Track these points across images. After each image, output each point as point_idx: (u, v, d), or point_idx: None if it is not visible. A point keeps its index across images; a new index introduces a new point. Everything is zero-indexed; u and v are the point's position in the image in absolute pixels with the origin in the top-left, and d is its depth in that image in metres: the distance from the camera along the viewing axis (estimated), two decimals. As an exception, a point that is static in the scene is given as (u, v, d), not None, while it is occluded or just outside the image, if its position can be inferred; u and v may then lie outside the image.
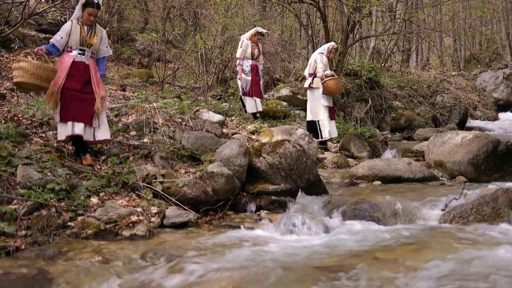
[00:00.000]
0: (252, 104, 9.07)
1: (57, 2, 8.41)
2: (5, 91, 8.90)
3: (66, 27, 5.40)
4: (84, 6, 5.40)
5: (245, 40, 9.14)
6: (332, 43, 9.24)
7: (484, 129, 12.78)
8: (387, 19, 16.79)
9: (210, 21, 14.36)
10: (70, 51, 5.42)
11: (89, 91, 5.43)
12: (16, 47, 11.02)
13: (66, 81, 5.29)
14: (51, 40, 5.39)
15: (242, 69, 9.00)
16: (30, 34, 12.18)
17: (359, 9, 10.84)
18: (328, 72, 8.85)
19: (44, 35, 12.50)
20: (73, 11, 10.69)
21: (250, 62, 9.14)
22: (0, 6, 9.29)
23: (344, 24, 11.95)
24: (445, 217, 4.75)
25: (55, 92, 5.24)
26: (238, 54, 9.15)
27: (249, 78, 9.04)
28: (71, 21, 5.46)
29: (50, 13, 12.53)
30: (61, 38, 5.37)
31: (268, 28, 13.75)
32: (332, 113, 8.89)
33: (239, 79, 9.07)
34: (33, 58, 5.21)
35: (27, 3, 7.88)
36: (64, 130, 5.30)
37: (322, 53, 8.95)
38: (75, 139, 5.43)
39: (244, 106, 9.26)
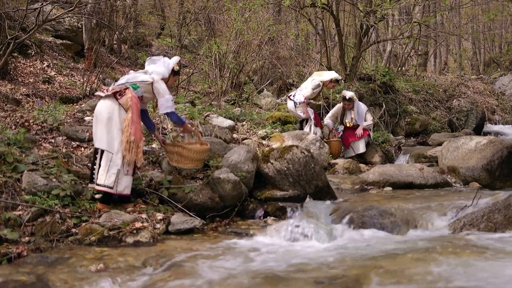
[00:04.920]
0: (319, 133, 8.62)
1: (71, 9, 8.45)
2: (20, 97, 9.01)
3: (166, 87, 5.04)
4: (176, 73, 5.25)
5: (321, 84, 8.51)
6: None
7: (502, 134, 12.57)
8: (404, 22, 16.60)
9: (224, 26, 14.37)
10: (141, 100, 5.02)
11: None
12: (33, 53, 11.15)
13: None
14: (174, 108, 5.09)
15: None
16: (47, 40, 12.33)
17: (374, 12, 10.74)
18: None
19: (61, 41, 12.63)
20: (89, 17, 10.82)
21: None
22: (15, 12, 9.37)
23: (357, 28, 11.85)
24: (455, 225, 4.64)
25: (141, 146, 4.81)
26: (307, 94, 8.43)
27: (312, 110, 8.60)
28: (163, 81, 5.02)
29: (68, 19, 12.64)
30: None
31: (282, 33, 13.71)
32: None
33: (303, 113, 8.47)
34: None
35: (41, 9, 7.93)
36: (130, 183, 4.86)
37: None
38: None
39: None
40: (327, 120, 8.95)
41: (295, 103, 8.52)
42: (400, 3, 11.14)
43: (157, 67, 5.07)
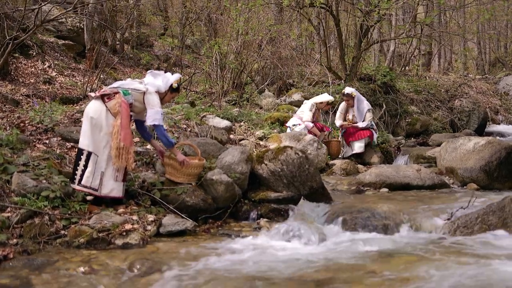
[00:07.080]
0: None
1: (69, 9, 8.46)
2: (20, 98, 9.01)
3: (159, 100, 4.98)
4: (174, 90, 5.16)
5: (315, 105, 8.47)
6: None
7: (505, 134, 12.47)
8: (406, 22, 16.52)
9: (226, 26, 14.33)
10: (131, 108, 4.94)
11: None
12: (34, 53, 11.16)
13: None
14: (162, 122, 4.94)
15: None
16: (48, 40, 12.35)
17: (373, 12, 10.67)
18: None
19: (63, 42, 12.65)
20: (91, 18, 10.82)
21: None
22: (13, 12, 9.36)
23: (357, 29, 11.80)
24: (449, 227, 4.58)
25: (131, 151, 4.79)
26: (308, 118, 8.37)
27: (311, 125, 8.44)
28: (157, 94, 4.97)
29: (70, 19, 12.67)
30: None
31: (284, 33, 13.66)
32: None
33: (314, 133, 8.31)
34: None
35: (40, 9, 7.92)
36: (119, 187, 4.84)
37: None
38: None
39: None
40: (338, 122, 8.92)
41: (289, 127, 8.55)
42: (398, 3, 11.08)
43: (155, 80, 5.05)
